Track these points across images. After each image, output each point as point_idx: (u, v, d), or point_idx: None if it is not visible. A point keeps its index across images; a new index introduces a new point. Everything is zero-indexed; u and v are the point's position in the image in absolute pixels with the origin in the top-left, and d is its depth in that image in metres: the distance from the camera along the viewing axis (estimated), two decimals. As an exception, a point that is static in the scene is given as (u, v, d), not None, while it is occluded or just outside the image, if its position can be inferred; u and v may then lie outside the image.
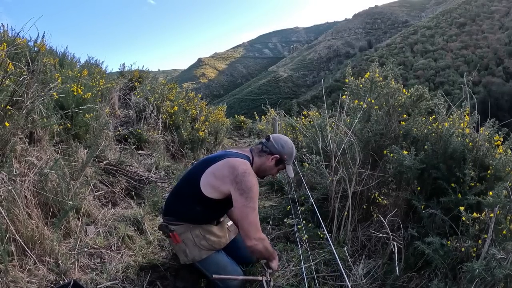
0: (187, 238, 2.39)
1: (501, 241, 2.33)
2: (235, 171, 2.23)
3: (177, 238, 2.39)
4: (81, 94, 4.02)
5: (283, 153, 2.50)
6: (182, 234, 2.39)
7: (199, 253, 2.40)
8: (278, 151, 2.49)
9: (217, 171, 2.30)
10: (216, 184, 2.28)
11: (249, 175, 2.23)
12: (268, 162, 2.50)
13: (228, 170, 2.25)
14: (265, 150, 2.50)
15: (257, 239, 2.24)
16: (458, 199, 2.60)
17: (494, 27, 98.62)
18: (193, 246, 2.40)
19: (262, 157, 2.50)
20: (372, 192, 3.31)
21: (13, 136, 2.70)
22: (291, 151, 2.56)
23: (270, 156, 2.49)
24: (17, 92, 2.78)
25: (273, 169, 2.55)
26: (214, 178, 2.29)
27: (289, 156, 2.54)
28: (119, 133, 5.19)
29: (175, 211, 2.46)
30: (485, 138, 2.86)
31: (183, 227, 2.40)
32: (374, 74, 3.70)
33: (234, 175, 2.22)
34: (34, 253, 2.25)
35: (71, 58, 6.34)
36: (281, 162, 2.52)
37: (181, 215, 2.42)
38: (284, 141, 2.55)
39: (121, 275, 2.46)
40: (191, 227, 2.40)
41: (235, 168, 2.25)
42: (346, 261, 2.77)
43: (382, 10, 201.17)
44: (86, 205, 3.03)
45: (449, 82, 77.65)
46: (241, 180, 2.20)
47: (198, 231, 2.40)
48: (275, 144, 2.50)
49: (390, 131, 3.42)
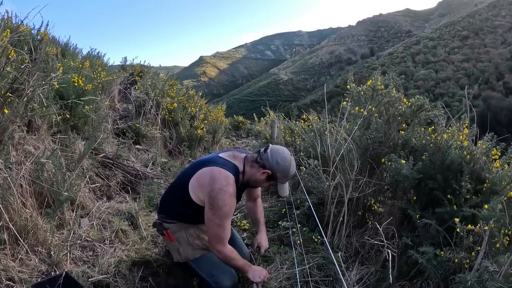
0: (181, 237, 2.38)
1: (494, 254, 2.34)
2: (212, 185, 2.14)
3: (171, 236, 2.37)
4: (82, 85, 4.01)
5: (276, 170, 2.27)
6: (176, 232, 2.38)
7: (192, 252, 2.39)
8: (271, 166, 2.27)
9: (200, 178, 2.24)
10: (197, 191, 2.24)
11: (224, 194, 2.12)
12: (258, 174, 2.30)
13: (208, 181, 2.17)
14: (258, 161, 2.30)
15: (218, 250, 2.22)
16: (453, 211, 2.61)
17: (496, 41, 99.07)
18: (187, 245, 2.38)
19: (253, 168, 2.31)
20: (368, 199, 3.32)
21: (12, 124, 2.68)
22: (287, 170, 2.31)
23: (262, 170, 2.29)
24: (18, 79, 2.77)
25: (263, 183, 2.37)
26: (197, 184, 2.24)
27: (283, 175, 2.31)
28: (118, 126, 5.18)
29: (169, 210, 2.44)
30: (482, 152, 2.88)
31: (177, 225, 2.38)
32: (376, 82, 3.72)
33: (211, 188, 2.14)
34: (26, 242, 2.24)
35: (74, 48, 6.32)
36: (273, 178, 2.32)
37: (174, 214, 2.40)
38: (282, 157, 2.30)
39: (113, 270, 2.44)
40: (185, 226, 2.38)
41: (214, 181, 2.15)
42: (339, 267, 2.75)
43: (386, 18, 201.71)
44: (81, 197, 3.01)
45: (448, 94, 77.98)
46: (214, 196, 2.12)
47: (193, 231, 2.39)
48: (270, 158, 2.27)
49: (389, 140, 3.44)
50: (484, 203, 2.49)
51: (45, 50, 3.81)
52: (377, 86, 3.65)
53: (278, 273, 2.69)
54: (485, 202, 2.53)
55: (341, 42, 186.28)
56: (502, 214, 2.33)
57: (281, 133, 7.16)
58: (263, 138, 8.64)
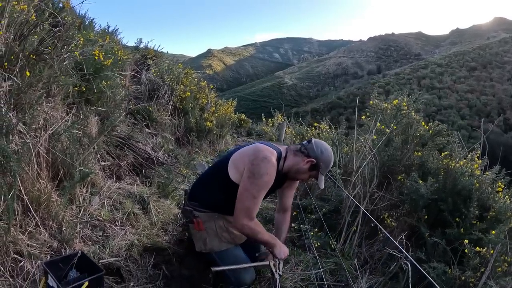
0: (210, 228, 2.33)
1: (497, 277, 2.53)
2: (257, 154, 2.17)
3: (200, 225, 2.31)
4: (102, 60, 3.89)
5: (320, 159, 2.30)
6: (206, 222, 2.32)
7: (218, 244, 2.34)
8: (316, 155, 2.30)
9: (243, 151, 2.27)
10: (239, 163, 2.23)
11: (268, 162, 2.14)
12: (302, 163, 2.32)
13: (252, 152, 2.21)
14: (303, 151, 2.33)
15: (244, 224, 2.16)
16: (460, 233, 2.84)
17: (503, 77, 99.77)
18: (214, 236, 2.33)
19: (297, 156, 2.33)
20: (381, 213, 3.44)
21: (32, 89, 2.55)
22: (329, 160, 2.35)
23: (306, 158, 2.31)
24: (45, 41, 2.64)
25: (305, 173, 2.37)
26: (239, 157, 2.26)
27: (325, 164, 2.33)
28: (131, 107, 5.05)
29: (200, 197, 2.39)
30: (489, 182, 3.11)
31: (208, 215, 2.33)
32: (402, 102, 3.80)
33: (254, 156, 2.16)
34: (38, 214, 2.11)
35: (90, 22, 6.18)
36: (315, 168, 2.33)
37: (205, 201, 2.35)
38: (325, 147, 2.35)
39: (124, 253, 2.36)
40: (216, 216, 2.34)
41: (259, 151, 2.19)
42: (351, 273, 2.82)
43: (398, 38, 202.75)
44: (93, 174, 2.89)
45: (448, 122, 78.40)
46: (257, 163, 2.13)
47: (222, 223, 2.34)
48: (315, 147, 2.32)
49: (405, 159, 3.60)
50: (489, 229, 2.76)
51: (71, 19, 3.68)
52: (402, 106, 3.73)
53: (293, 274, 2.71)
54: (489, 228, 2.79)
55: (350, 55, 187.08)
56: (505, 241, 2.55)
57: (287, 137, 7.08)
58: (268, 139, 8.57)
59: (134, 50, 8.23)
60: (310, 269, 2.75)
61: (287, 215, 2.71)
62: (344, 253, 3.09)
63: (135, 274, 2.28)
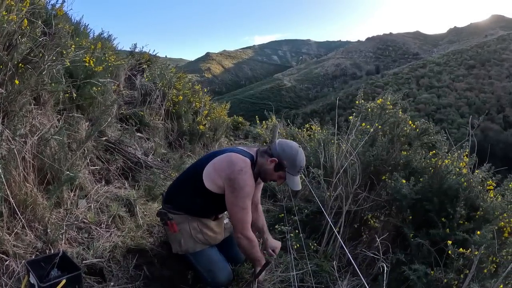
0: (184, 229, 2.38)
1: (481, 278, 2.50)
2: (232, 167, 2.23)
3: (174, 227, 2.38)
4: (92, 66, 3.98)
5: (283, 158, 2.33)
6: (180, 224, 2.39)
7: (193, 245, 2.39)
8: (278, 154, 2.34)
9: (217, 164, 2.31)
10: (215, 176, 2.28)
11: (244, 174, 2.21)
12: (267, 164, 2.38)
13: (226, 165, 2.26)
14: (267, 151, 2.41)
15: (244, 235, 2.27)
16: (445, 234, 2.74)
17: (502, 74, 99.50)
18: (189, 237, 2.39)
19: (263, 158, 2.40)
20: (365, 214, 3.39)
21: (21, 96, 2.65)
22: (293, 158, 2.35)
23: (269, 158, 2.37)
24: (33, 51, 2.73)
25: (273, 174, 2.42)
26: (213, 170, 2.30)
27: (290, 163, 2.35)
28: (122, 112, 5.14)
29: (175, 200, 2.45)
30: (478, 181, 3.00)
31: (181, 217, 2.39)
32: (386, 101, 3.79)
33: (230, 170, 2.22)
34: (24, 217, 2.21)
35: (84, 28, 6.25)
36: (281, 167, 2.37)
37: (181, 204, 2.41)
38: (288, 146, 2.39)
39: (108, 254, 2.43)
40: (190, 218, 2.39)
41: (233, 164, 2.24)
42: (331, 275, 2.84)
43: (396, 38, 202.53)
44: (81, 178, 2.98)
45: (448, 120, 78.21)
46: (235, 177, 2.20)
47: (196, 224, 2.40)
48: (277, 146, 2.37)
49: (391, 159, 3.54)
50: (476, 229, 2.65)
51: (59, 26, 3.76)
52: (386, 105, 3.72)
53: (272, 276, 2.73)
54: (476, 228, 2.69)
55: (348, 56, 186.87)
56: (492, 242, 2.46)
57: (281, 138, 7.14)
58: (262, 141, 8.63)
59: (129, 55, 8.32)
60: (290, 271, 2.76)
61: (259, 207, 2.79)
62: (326, 255, 3.10)
63: (117, 274, 2.35)
